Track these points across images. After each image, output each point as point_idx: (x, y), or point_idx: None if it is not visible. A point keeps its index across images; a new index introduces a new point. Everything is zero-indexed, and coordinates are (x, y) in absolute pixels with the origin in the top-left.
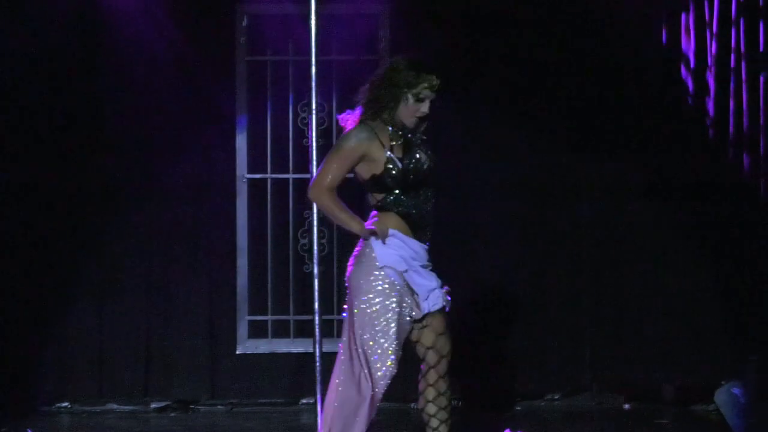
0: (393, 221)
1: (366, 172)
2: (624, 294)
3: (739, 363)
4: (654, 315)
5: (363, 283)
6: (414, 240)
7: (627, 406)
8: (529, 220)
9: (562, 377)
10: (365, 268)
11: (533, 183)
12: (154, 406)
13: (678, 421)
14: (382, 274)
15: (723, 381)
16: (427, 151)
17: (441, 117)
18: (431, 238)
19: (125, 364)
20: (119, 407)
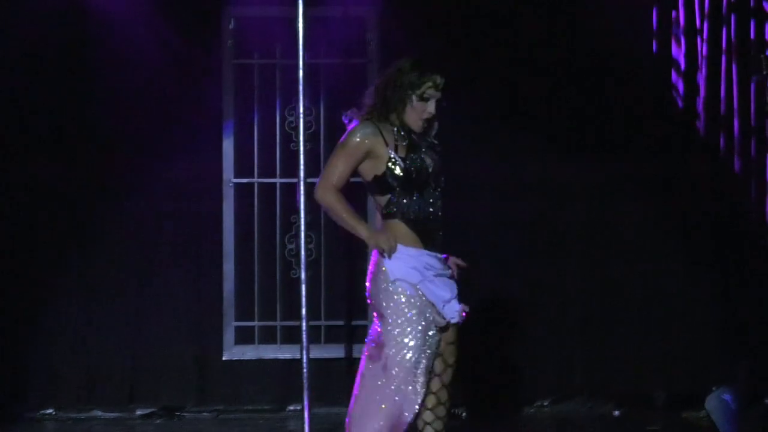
0: (400, 230)
1: (369, 172)
2: (614, 300)
3: (730, 369)
4: (644, 321)
5: (382, 300)
6: (425, 251)
7: (617, 412)
8: (518, 224)
9: (552, 383)
10: (380, 284)
11: (522, 186)
12: (139, 413)
13: (668, 428)
14: (397, 288)
15: (713, 387)
16: (434, 155)
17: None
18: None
19: (111, 370)
20: (104, 414)
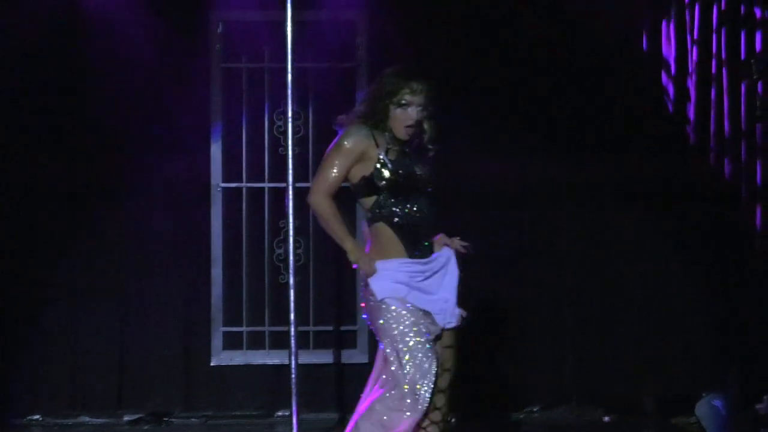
0: (385, 235)
1: (357, 173)
2: (604, 306)
3: (720, 375)
4: (635, 327)
5: (375, 318)
6: (408, 259)
7: (607, 418)
8: (508, 228)
9: (541, 389)
10: (370, 302)
11: (514, 188)
12: (127, 418)
13: None
14: (387, 306)
15: (704, 393)
16: (425, 162)
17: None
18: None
19: (98, 376)
20: (92, 420)
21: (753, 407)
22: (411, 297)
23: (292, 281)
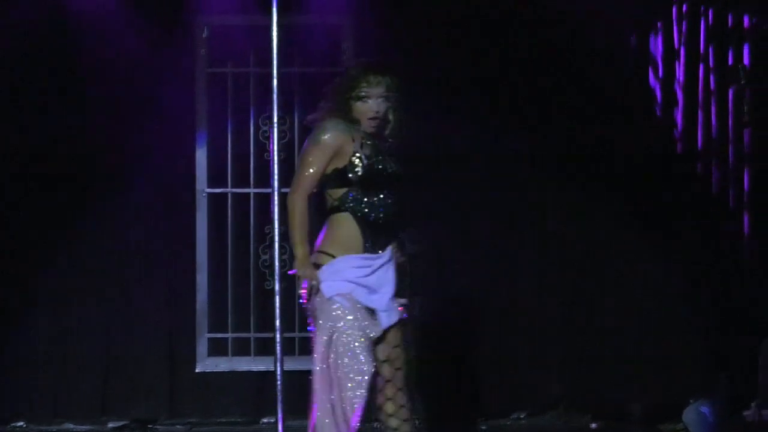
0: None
1: (331, 165)
2: (591, 312)
3: (708, 382)
4: (621, 333)
5: (318, 314)
6: (355, 256)
7: (594, 425)
8: (496, 236)
9: (528, 395)
10: (317, 302)
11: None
12: (111, 425)
13: None
14: (332, 304)
15: (691, 399)
16: (394, 159)
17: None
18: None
19: (82, 382)
20: (76, 427)
21: (741, 414)
22: (357, 294)
23: (277, 287)
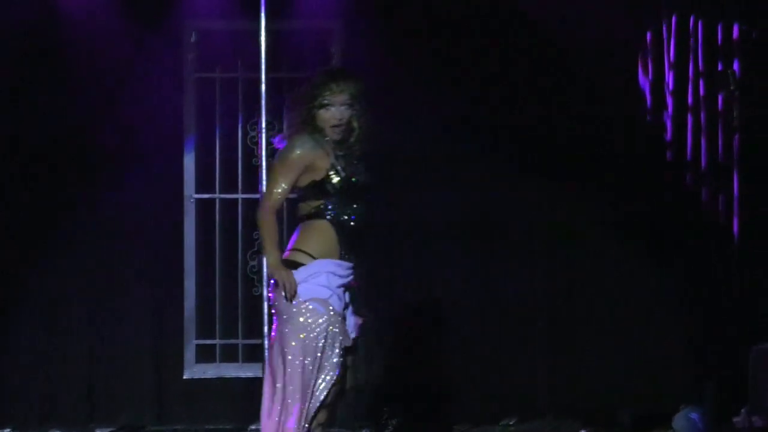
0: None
1: (306, 179)
2: (581, 319)
3: (697, 388)
4: (611, 340)
5: (291, 319)
6: (333, 261)
7: (584, 431)
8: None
9: (518, 402)
10: (292, 305)
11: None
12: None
13: None
14: (307, 307)
15: (681, 406)
16: (363, 167)
17: (394, 138)
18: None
19: (70, 389)
20: None
21: (730, 420)
22: (332, 300)
23: (265, 293)
